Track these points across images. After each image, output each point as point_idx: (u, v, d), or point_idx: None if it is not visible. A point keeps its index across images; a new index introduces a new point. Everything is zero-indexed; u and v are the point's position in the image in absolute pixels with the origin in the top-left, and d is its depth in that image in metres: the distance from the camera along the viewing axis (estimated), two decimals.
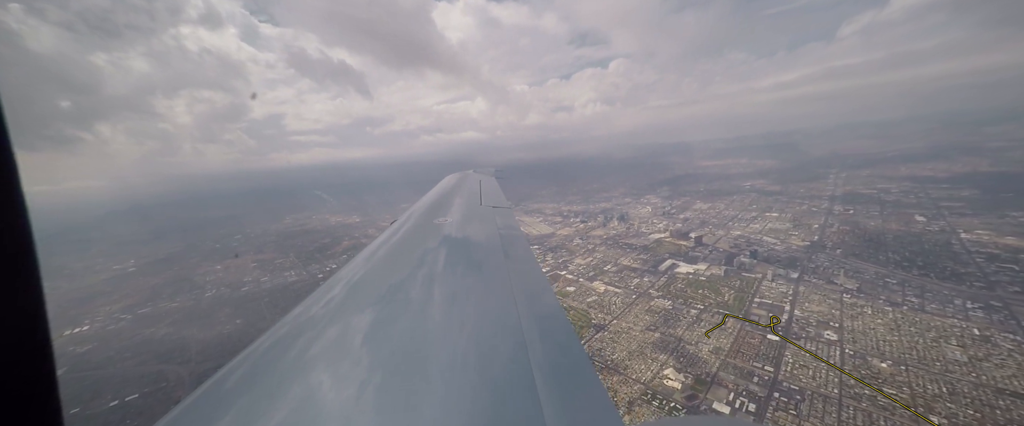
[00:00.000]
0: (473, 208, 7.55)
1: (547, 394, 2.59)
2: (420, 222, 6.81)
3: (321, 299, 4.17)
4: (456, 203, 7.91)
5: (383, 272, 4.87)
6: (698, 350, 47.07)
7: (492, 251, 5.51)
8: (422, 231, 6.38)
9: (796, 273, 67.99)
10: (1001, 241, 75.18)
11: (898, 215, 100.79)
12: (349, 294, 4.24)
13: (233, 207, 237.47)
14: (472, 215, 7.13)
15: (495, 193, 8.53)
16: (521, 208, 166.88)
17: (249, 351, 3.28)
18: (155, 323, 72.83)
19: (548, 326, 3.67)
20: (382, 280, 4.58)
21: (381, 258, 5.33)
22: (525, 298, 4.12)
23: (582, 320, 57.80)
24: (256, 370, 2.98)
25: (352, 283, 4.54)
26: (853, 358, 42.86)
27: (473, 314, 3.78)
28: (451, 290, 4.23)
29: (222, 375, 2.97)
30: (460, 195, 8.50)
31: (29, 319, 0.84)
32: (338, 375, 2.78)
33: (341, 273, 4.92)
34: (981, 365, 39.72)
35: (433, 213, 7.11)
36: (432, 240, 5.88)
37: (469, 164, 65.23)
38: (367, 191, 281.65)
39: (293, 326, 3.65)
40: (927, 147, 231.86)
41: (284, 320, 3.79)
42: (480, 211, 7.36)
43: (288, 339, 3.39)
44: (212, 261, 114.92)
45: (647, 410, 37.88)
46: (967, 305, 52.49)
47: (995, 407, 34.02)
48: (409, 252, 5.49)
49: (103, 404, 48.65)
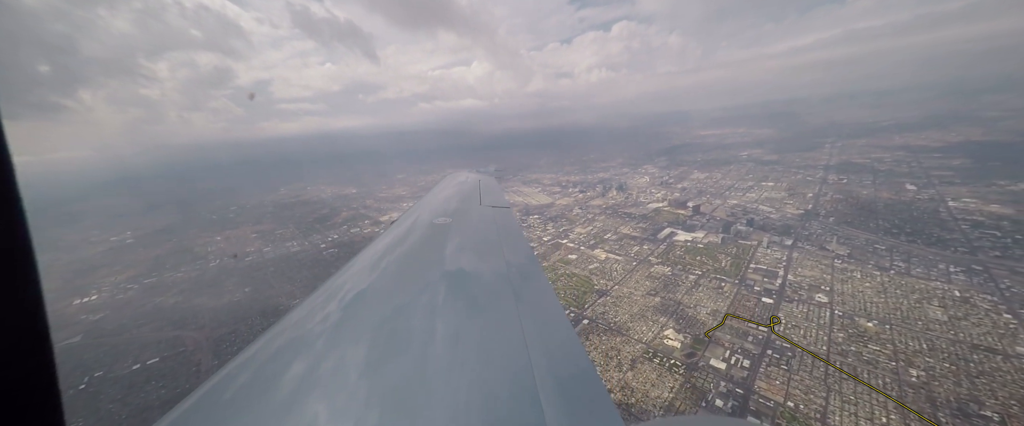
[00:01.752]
0: (473, 208, 7.56)
1: (547, 394, 2.64)
2: (420, 222, 6.79)
3: (323, 298, 4.20)
4: (456, 203, 7.91)
5: (384, 272, 4.86)
6: (697, 313, 49.60)
7: (492, 251, 5.54)
8: (422, 231, 6.34)
9: (790, 240, 70.28)
10: (986, 208, 77.87)
11: (890, 184, 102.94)
12: (350, 294, 4.26)
13: (225, 178, 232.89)
14: (472, 215, 7.13)
15: (495, 193, 8.58)
16: (519, 178, 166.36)
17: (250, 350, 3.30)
18: (163, 292, 73.67)
19: (548, 325, 3.70)
20: (383, 280, 4.58)
21: (382, 258, 5.34)
22: (525, 297, 4.14)
23: (585, 286, 59.87)
24: (258, 370, 3.00)
25: (353, 283, 4.57)
26: (842, 318, 45.67)
27: (473, 314, 3.78)
28: (451, 290, 4.23)
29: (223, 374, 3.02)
30: (460, 195, 8.52)
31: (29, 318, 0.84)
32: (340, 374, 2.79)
33: (342, 273, 4.95)
34: (959, 324, 42.72)
35: (433, 213, 7.11)
36: (432, 240, 5.87)
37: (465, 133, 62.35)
38: (362, 161, 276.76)
39: (295, 325, 3.67)
40: (923, 116, 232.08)
41: (286, 320, 3.81)
42: (480, 211, 7.37)
43: (290, 339, 3.41)
44: (211, 232, 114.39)
45: (648, 366, 40.51)
46: (950, 269, 55.37)
47: (969, 361, 37.07)
48: (410, 252, 5.48)
49: (126, 367, 50.31)
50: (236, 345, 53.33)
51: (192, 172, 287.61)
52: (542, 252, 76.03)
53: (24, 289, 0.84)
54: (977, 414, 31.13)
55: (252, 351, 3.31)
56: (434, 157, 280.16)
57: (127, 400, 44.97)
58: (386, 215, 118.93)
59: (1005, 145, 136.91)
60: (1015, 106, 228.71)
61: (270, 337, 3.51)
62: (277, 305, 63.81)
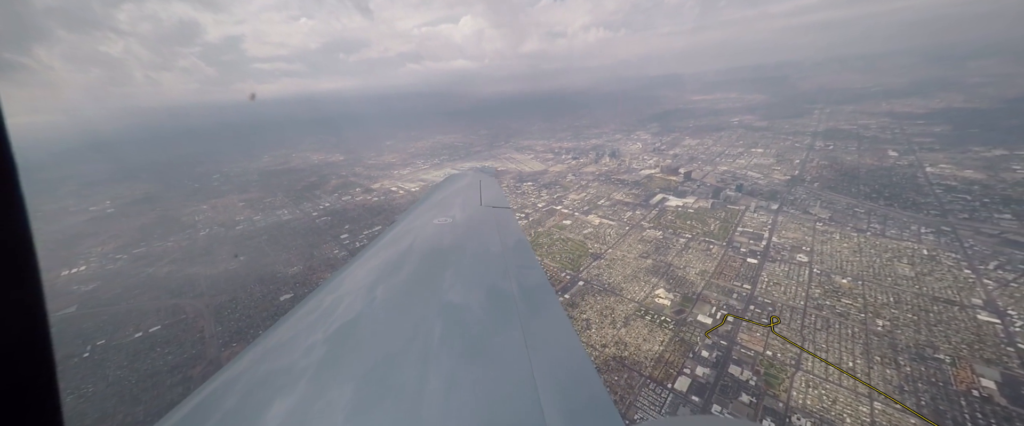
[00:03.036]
0: (473, 209, 7.56)
1: (547, 394, 2.66)
2: (421, 222, 6.81)
3: (324, 297, 4.24)
4: (456, 204, 7.91)
5: (385, 272, 4.88)
6: (686, 274, 52.19)
7: (492, 251, 5.54)
8: (423, 231, 6.35)
9: (776, 205, 72.88)
10: (960, 174, 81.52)
11: (874, 150, 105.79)
12: (352, 293, 4.29)
13: (204, 143, 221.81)
14: (472, 216, 7.12)
15: (495, 194, 8.61)
16: (511, 144, 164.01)
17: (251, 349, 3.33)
18: (155, 262, 72.72)
19: (548, 325, 3.74)
20: (384, 280, 4.59)
21: (383, 258, 5.36)
22: (525, 298, 4.18)
23: (580, 250, 61.71)
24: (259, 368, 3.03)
25: (355, 282, 4.60)
26: (819, 276, 48.87)
27: (473, 314, 3.80)
28: (451, 290, 4.26)
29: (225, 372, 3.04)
30: (460, 196, 8.51)
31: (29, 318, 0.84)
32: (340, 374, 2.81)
33: (343, 272, 4.98)
34: (924, 279, 46.34)
35: (434, 213, 7.13)
36: (433, 240, 5.89)
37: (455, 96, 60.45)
38: (347, 126, 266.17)
39: (297, 324, 3.70)
40: (910, 82, 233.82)
41: (288, 318, 3.83)
42: (480, 211, 7.38)
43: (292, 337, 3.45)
44: (196, 201, 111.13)
45: (641, 323, 43.18)
46: (921, 230, 58.93)
47: (929, 311, 40.74)
48: (410, 252, 5.49)
49: (127, 335, 50.77)
50: (237, 312, 54.01)
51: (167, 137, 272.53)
52: (537, 218, 77.14)
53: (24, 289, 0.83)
54: (932, 357, 34.82)
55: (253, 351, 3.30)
56: (422, 122, 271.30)
57: (134, 366, 45.85)
58: (377, 182, 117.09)
59: (983, 111, 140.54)
60: (997, 72, 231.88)
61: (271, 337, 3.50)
62: (275, 273, 64.05)
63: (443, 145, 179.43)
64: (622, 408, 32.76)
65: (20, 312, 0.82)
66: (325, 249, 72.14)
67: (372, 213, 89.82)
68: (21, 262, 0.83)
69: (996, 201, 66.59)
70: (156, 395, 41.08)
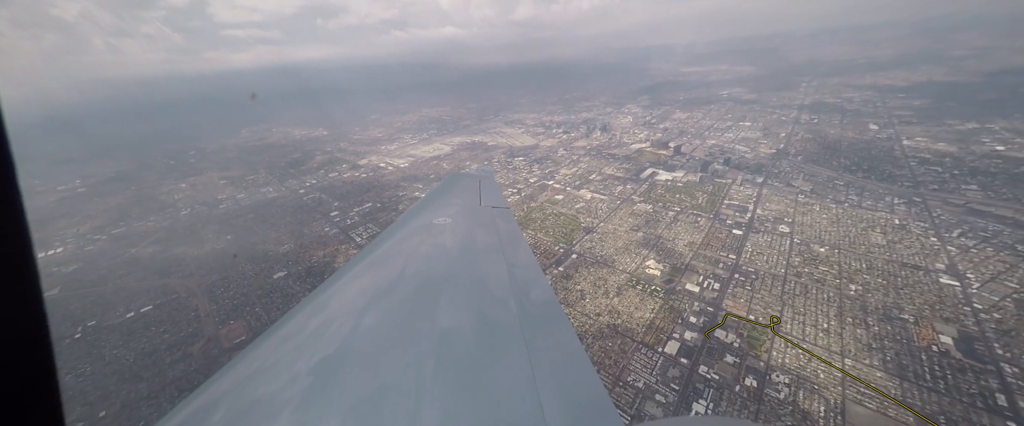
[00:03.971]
0: (473, 209, 7.55)
1: (547, 394, 2.65)
2: (421, 223, 6.79)
3: (324, 298, 4.23)
4: (456, 204, 7.89)
5: (385, 272, 4.85)
6: (675, 245, 54.06)
7: (492, 251, 5.55)
8: (423, 232, 6.31)
9: (762, 178, 74.91)
10: (934, 146, 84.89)
11: (855, 124, 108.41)
12: (351, 294, 4.29)
13: (175, 118, 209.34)
14: (472, 216, 7.12)
15: (494, 194, 8.61)
16: (500, 118, 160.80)
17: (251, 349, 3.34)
18: (137, 242, 70.59)
19: (547, 324, 3.76)
20: (384, 280, 4.57)
21: (383, 258, 5.34)
22: (525, 297, 4.19)
23: (572, 224, 62.75)
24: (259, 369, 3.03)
25: (354, 283, 4.59)
26: (799, 245, 51.43)
27: (473, 314, 3.77)
28: (452, 290, 4.22)
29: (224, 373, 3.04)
30: (459, 196, 8.49)
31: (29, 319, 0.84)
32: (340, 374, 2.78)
33: (343, 272, 4.97)
34: (895, 247, 49.37)
35: (433, 214, 7.11)
36: (433, 240, 5.87)
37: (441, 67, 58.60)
38: (329, 99, 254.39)
39: (296, 324, 3.69)
40: (895, 55, 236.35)
41: (287, 318, 3.84)
42: (480, 212, 7.37)
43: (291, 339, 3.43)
44: (174, 179, 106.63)
45: (632, 292, 45.07)
46: (894, 201, 61.96)
47: (897, 276, 43.78)
48: (410, 252, 5.46)
49: (118, 316, 50.12)
50: (230, 290, 53.68)
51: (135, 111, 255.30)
52: (529, 193, 77.40)
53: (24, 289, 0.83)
54: (897, 317, 37.86)
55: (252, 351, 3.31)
56: (408, 94, 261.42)
57: (129, 345, 45.64)
58: (364, 158, 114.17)
59: (962, 85, 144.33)
60: (979, 45, 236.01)
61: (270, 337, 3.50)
62: (265, 251, 63.27)
63: (431, 119, 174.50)
64: (616, 371, 34.91)
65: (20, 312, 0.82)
66: (315, 226, 71.21)
67: (362, 190, 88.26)
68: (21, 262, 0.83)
69: (965, 173, 70.09)
70: (157, 372, 41.32)
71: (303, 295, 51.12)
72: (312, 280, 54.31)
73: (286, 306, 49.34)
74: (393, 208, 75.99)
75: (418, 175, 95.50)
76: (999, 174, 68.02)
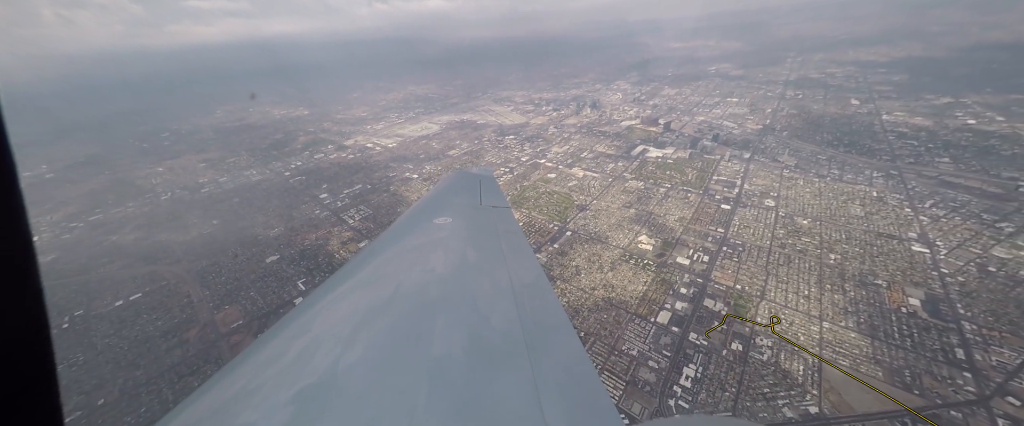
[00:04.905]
0: (473, 208, 7.56)
1: (547, 394, 2.64)
2: (420, 223, 6.81)
3: (324, 297, 4.22)
4: (456, 203, 7.88)
5: (385, 272, 4.84)
6: (666, 221, 55.47)
7: (492, 251, 5.57)
8: (422, 231, 6.33)
9: (748, 154, 76.53)
10: (911, 121, 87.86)
11: (838, 99, 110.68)
12: (351, 294, 4.28)
13: (142, 97, 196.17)
14: (472, 215, 7.15)
15: (494, 193, 8.65)
16: (489, 96, 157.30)
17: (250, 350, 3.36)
18: (116, 230, 67.91)
19: (547, 324, 3.73)
20: (384, 280, 4.57)
21: (383, 258, 5.32)
22: (525, 297, 4.17)
23: (566, 202, 63.35)
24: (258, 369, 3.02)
25: (354, 283, 4.59)
26: (784, 218, 53.53)
27: (474, 313, 3.77)
28: (452, 290, 4.22)
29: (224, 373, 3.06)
30: (459, 195, 8.49)
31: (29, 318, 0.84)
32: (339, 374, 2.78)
33: (343, 272, 4.97)
34: (872, 218, 51.94)
35: (433, 213, 7.14)
36: (433, 240, 5.89)
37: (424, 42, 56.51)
38: (307, 76, 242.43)
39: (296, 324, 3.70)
40: (877, 30, 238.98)
41: (287, 319, 3.85)
42: (480, 211, 7.39)
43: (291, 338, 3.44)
44: (149, 162, 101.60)
45: (626, 267, 46.47)
46: (873, 175, 64.58)
47: (873, 245, 46.36)
48: (410, 252, 5.47)
49: (107, 304, 48.91)
50: (222, 276, 52.81)
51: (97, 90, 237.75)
52: (522, 172, 77.23)
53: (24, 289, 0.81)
54: (872, 283, 40.42)
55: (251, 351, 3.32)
56: (392, 71, 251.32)
57: (122, 334, 44.89)
58: (350, 138, 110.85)
59: (938, 60, 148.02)
60: (955, 20, 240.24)
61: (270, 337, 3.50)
62: (255, 236, 61.97)
63: (416, 97, 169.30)
64: (611, 340, 36.51)
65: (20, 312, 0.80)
66: (304, 209, 69.79)
67: (350, 171, 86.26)
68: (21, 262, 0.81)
69: (938, 146, 73.20)
70: (153, 359, 41.01)
71: (298, 278, 50.72)
72: (305, 263, 53.81)
73: (281, 290, 49.03)
74: (384, 189, 74.87)
75: (408, 155, 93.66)
76: (969, 147, 71.32)
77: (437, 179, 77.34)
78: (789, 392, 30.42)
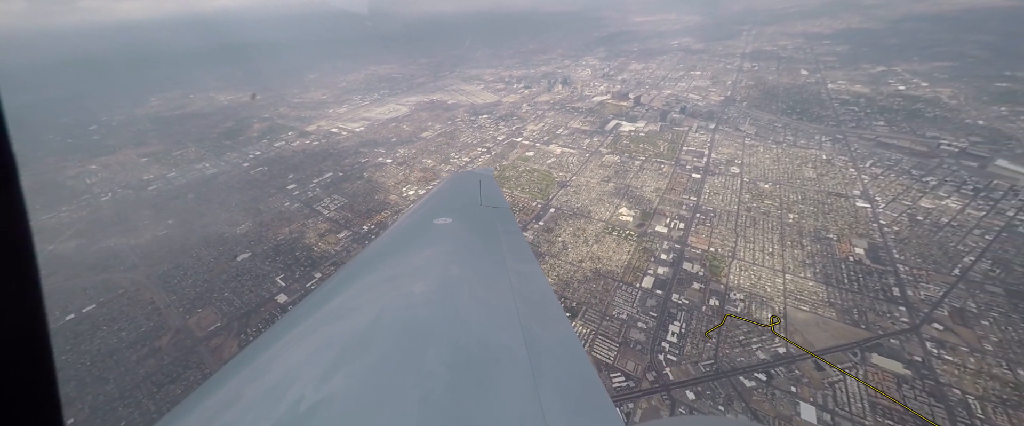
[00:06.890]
0: (472, 209, 7.63)
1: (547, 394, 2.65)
2: (420, 223, 6.87)
3: (324, 297, 4.28)
4: (456, 204, 7.95)
5: (385, 272, 4.85)
6: (643, 192, 57.87)
7: (492, 251, 5.61)
8: (422, 232, 6.36)
9: (713, 124, 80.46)
10: (852, 89, 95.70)
11: (790, 70, 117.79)
12: (351, 293, 4.29)
13: (60, 86, 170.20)
14: (472, 216, 7.20)
15: (494, 194, 8.75)
16: (457, 74, 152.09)
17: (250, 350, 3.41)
18: (53, 238, 60.61)
19: (547, 324, 3.76)
20: (384, 280, 4.58)
21: (383, 258, 5.35)
22: (525, 298, 4.20)
23: (546, 180, 64.09)
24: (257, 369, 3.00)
25: (354, 282, 4.61)
26: (748, 184, 57.57)
27: (473, 314, 3.77)
28: (452, 290, 4.24)
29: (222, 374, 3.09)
30: (459, 196, 8.58)
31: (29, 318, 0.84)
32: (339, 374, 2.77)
33: (342, 272, 5.08)
34: (822, 179, 57.10)
35: (433, 214, 7.17)
36: (433, 241, 5.92)
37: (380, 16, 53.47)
38: (256, 57, 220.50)
39: (295, 325, 3.68)
40: (819, 3, 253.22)
41: (285, 319, 3.92)
42: (479, 212, 7.47)
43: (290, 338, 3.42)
44: (79, 159, 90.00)
45: (610, 238, 48.46)
46: (822, 139, 70.40)
47: (825, 203, 51.29)
48: (410, 252, 5.50)
49: (56, 319, 44.37)
50: (189, 278, 49.33)
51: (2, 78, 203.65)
52: (499, 152, 76.69)
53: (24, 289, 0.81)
54: (825, 237, 45.04)
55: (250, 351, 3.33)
56: (350, 49, 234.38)
57: (80, 349, 41.24)
58: (312, 124, 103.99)
59: (873, 31, 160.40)
60: None
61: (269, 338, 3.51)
62: (220, 234, 57.84)
63: (379, 77, 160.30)
64: (602, 307, 38.52)
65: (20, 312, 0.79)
66: (272, 202, 65.72)
67: (317, 159, 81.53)
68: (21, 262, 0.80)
69: (875, 111, 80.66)
70: (123, 372, 38.24)
71: (276, 275, 48.41)
72: (282, 259, 51.32)
73: (259, 288, 46.71)
74: (358, 176, 71.76)
75: (378, 139, 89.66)
76: (900, 111, 79.24)
77: (412, 163, 75.13)
78: (761, 337, 33.96)
